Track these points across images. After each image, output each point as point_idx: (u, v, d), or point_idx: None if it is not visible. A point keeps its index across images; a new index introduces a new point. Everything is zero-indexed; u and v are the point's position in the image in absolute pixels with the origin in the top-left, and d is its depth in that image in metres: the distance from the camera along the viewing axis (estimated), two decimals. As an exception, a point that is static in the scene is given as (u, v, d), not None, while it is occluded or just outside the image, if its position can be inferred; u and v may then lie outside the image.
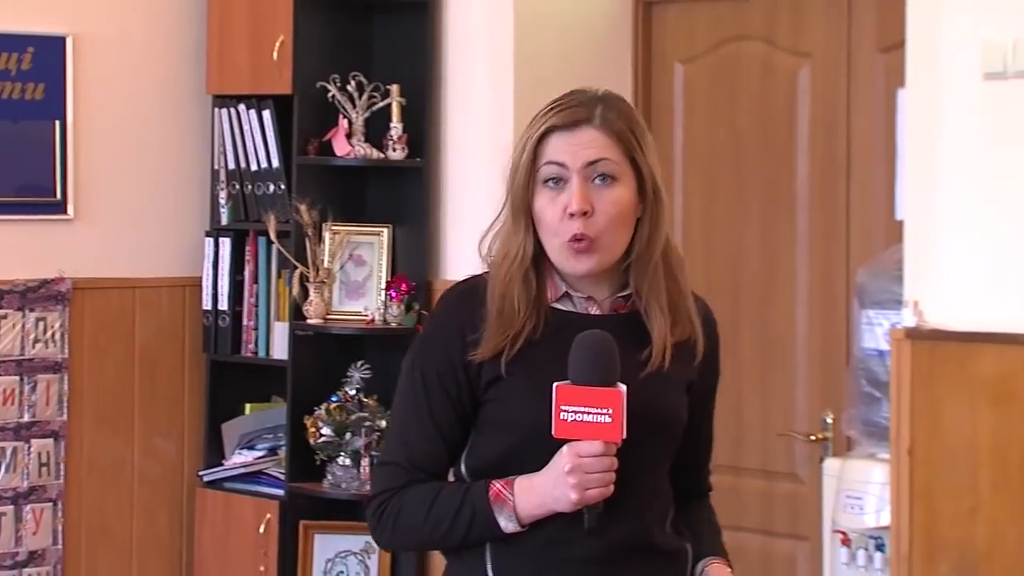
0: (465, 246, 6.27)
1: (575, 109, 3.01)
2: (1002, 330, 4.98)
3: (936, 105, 5.14)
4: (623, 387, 2.86)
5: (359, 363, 6.38)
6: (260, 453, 6.66)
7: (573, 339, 2.91)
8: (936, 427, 5.13)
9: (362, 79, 6.39)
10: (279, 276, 6.58)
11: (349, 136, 6.40)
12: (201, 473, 6.70)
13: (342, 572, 6.45)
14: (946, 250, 5.13)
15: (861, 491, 5.38)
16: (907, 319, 5.20)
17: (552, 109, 3.02)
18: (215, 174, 6.65)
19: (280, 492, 6.50)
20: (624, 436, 2.86)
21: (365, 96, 6.38)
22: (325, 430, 6.28)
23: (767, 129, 6.18)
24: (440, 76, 6.48)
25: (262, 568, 6.47)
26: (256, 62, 6.49)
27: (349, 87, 6.37)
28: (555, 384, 2.87)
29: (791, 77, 6.11)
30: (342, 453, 6.30)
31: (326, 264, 6.39)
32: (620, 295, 3.09)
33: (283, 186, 6.44)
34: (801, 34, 6.07)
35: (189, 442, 6.77)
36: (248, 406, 6.80)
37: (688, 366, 3.11)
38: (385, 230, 6.50)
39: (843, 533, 5.45)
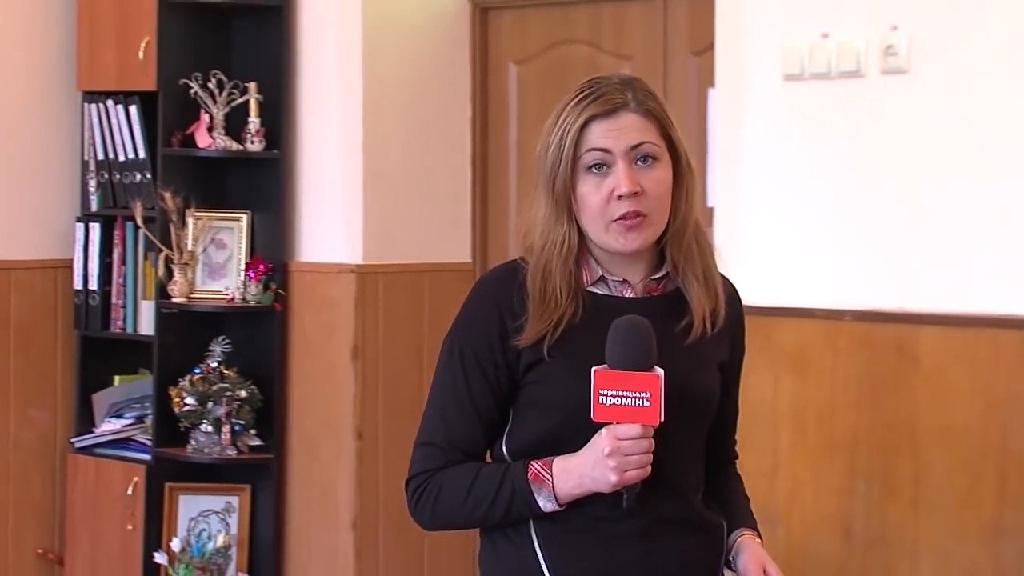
0: (317, 230, 6.47)
1: (609, 96, 2.89)
2: (799, 305, 5.12)
3: (741, 103, 5.28)
4: (661, 371, 2.76)
5: (220, 338, 6.42)
6: (128, 421, 6.66)
7: (610, 322, 2.81)
8: (742, 392, 5.29)
9: (222, 77, 6.40)
10: (145, 258, 6.57)
11: (210, 129, 6.40)
12: (73, 440, 6.69)
13: (204, 529, 6.44)
14: (751, 234, 5.26)
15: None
16: (721, 298, 5.40)
17: (586, 98, 2.91)
18: (85, 164, 6.63)
19: (147, 457, 6.51)
20: (662, 419, 2.76)
21: (225, 93, 6.40)
22: (188, 400, 6.31)
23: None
24: (294, 74, 6.49)
25: (130, 527, 6.49)
26: (123, 61, 6.47)
27: (210, 84, 6.38)
28: (594, 369, 2.77)
29: (614, 78, 6.26)
30: (204, 420, 6.32)
31: (189, 247, 6.40)
32: (653, 277, 2.98)
33: (149, 175, 6.43)
34: (622, 38, 6.15)
35: (62, 412, 6.74)
36: (117, 378, 6.78)
37: (719, 344, 3.02)
38: (244, 216, 6.52)
39: None
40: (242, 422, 6.41)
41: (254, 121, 6.43)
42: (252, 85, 6.43)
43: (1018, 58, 4.70)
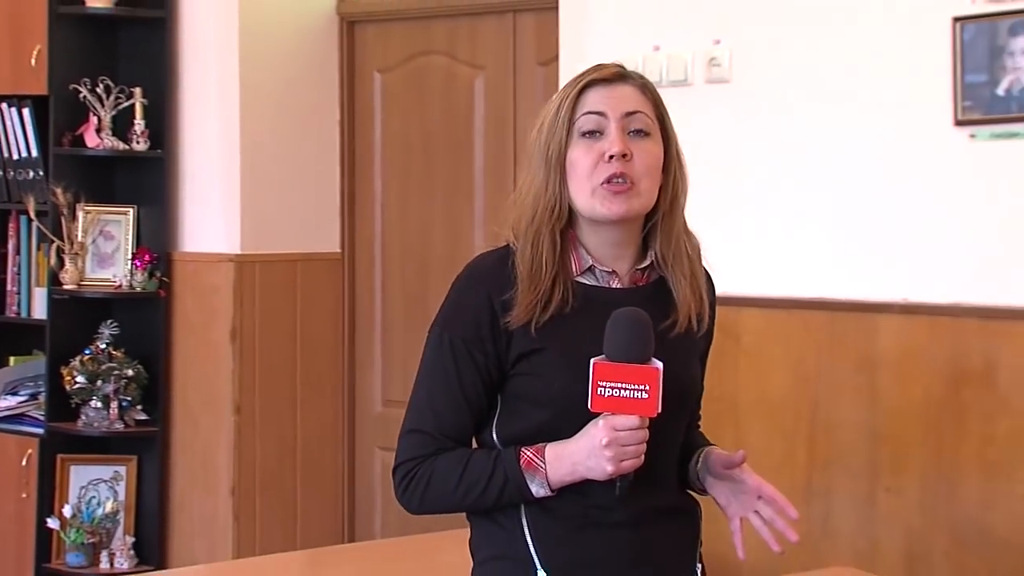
0: (198, 223, 6.50)
1: (613, 69, 2.78)
2: None
3: None
4: (659, 364, 2.58)
5: (108, 321, 6.45)
6: (23, 398, 6.67)
7: (600, 313, 2.64)
8: None
9: (109, 82, 6.39)
10: (39, 249, 6.58)
11: (98, 131, 6.40)
12: (-29, 416, 6.65)
13: (94, 497, 6.45)
14: None
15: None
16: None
17: (592, 69, 2.79)
18: (-19, 162, 6.57)
19: (40, 431, 6.50)
20: (659, 411, 2.59)
21: (112, 97, 6.39)
22: (79, 378, 6.33)
23: (450, 127, 6.30)
24: (176, 80, 6.50)
25: (24, 495, 6.49)
26: (17, 67, 6.46)
27: (98, 89, 6.38)
28: (592, 360, 2.58)
29: (469, 85, 6.24)
30: (94, 397, 6.35)
31: (79, 239, 6.39)
32: (638, 267, 2.80)
33: (41, 172, 6.44)
34: (476, 50, 6.20)
35: (-39, 390, 6.67)
36: (12, 358, 6.79)
37: (700, 336, 2.87)
38: (130, 210, 6.52)
39: None
40: (129, 398, 6.44)
41: (139, 123, 6.42)
42: (137, 90, 6.43)
43: (826, 69, 4.79)
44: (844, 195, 4.81)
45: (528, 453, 2.68)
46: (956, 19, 4.47)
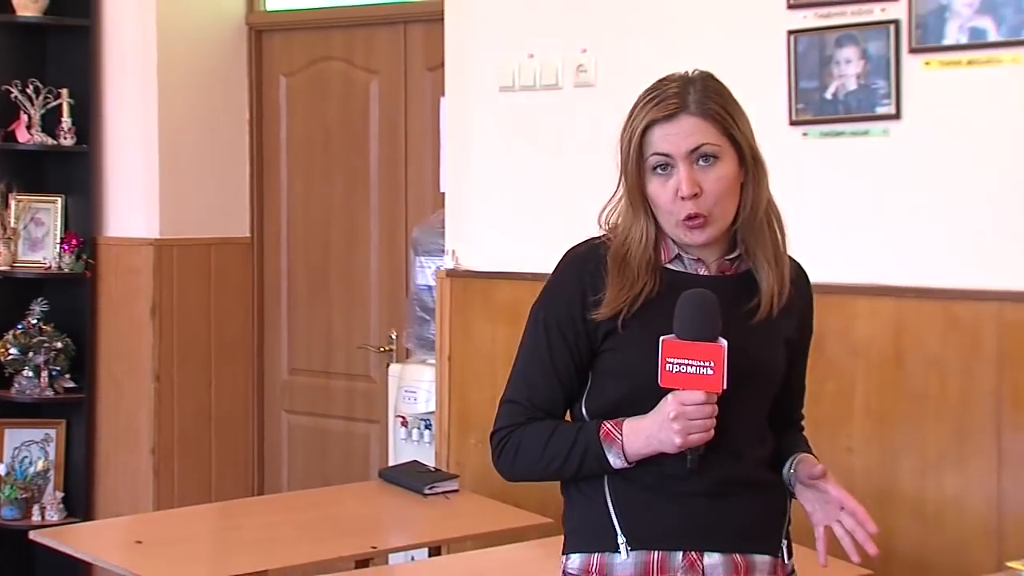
0: (121, 211, 6.48)
1: (669, 101, 2.60)
2: (513, 270, 5.15)
3: (467, 109, 5.31)
4: (724, 342, 2.48)
5: (39, 299, 6.42)
6: None
7: None
8: (468, 340, 5.29)
9: (38, 84, 6.35)
10: None
11: (29, 127, 6.36)
12: (-89, 384, 6.55)
13: (26, 457, 6.43)
14: (475, 214, 5.31)
15: (416, 387, 5.51)
16: (448, 263, 5.33)
17: (649, 101, 2.63)
18: (-78, 156, 6.46)
19: None
20: (725, 387, 2.48)
21: (41, 97, 6.35)
22: (12, 350, 6.31)
23: (348, 126, 6.29)
24: (100, 81, 6.46)
25: None
26: None
27: (28, 90, 6.34)
28: (661, 338, 2.49)
29: (365, 88, 6.24)
30: (26, 367, 6.32)
31: (12, 225, 6.38)
32: (727, 258, 2.66)
33: None
34: (371, 56, 6.20)
35: (-96, 361, 6.57)
36: None
37: (785, 322, 2.69)
38: (59, 199, 6.48)
39: (403, 417, 5.55)
40: (58, 368, 6.41)
41: (66, 120, 6.39)
42: (64, 90, 6.40)
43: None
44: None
45: (608, 426, 2.58)
46: (790, 32, 4.54)
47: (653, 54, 4.85)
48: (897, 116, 4.41)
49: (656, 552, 2.60)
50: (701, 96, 2.62)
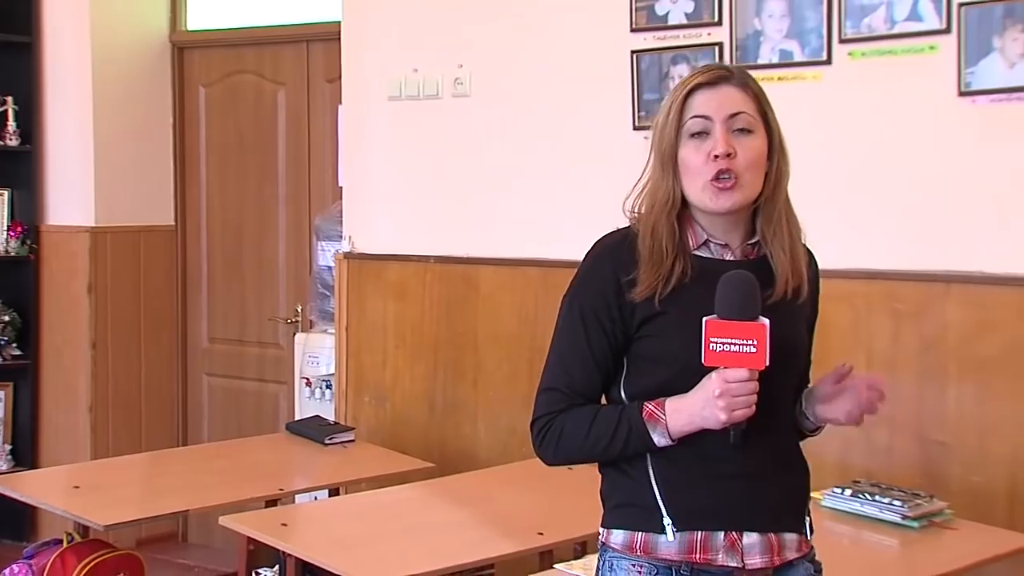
0: (61, 202, 6.40)
1: (717, 71, 2.41)
2: (401, 253, 5.17)
3: (361, 115, 5.29)
4: (766, 321, 2.27)
5: None
6: None
7: (714, 282, 2.31)
8: (362, 313, 5.29)
9: None
10: None
11: None
12: None
13: None
14: (368, 205, 5.29)
15: (318, 352, 5.54)
16: (345, 247, 5.33)
17: (697, 73, 2.43)
18: None
19: None
20: (767, 364, 2.27)
21: None
22: None
23: (259, 130, 6.24)
24: (41, 90, 6.37)
25: None
26: None
27: None
28: (704, 318, 2.27)
29: (273, 97, 6.20)
30: None
31: None
32: (749, 242, 2.43)
33: None
34: (278, 70, 6.16)
35: None
36: None
37: (804, 304, 2.46)
38: (6, 192, 6.40)
39: (307, 379, 5.57)
40: (6, 339, 6.34)
41: (11, 124, 6.31)
42: (9, 98, 6.32)
43: (541, 88, 4.81)
44: (553, 179, 4.84)
45: (650, 406, 2.35)
46: (633, 51, 4.57)
47: (518, 71, 4.90)
48: (722, 123, 4.46)
49: (699, 532, 2.36)
50: (744, 75, 2.43)
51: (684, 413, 2.32)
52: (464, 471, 4.65)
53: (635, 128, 4.62)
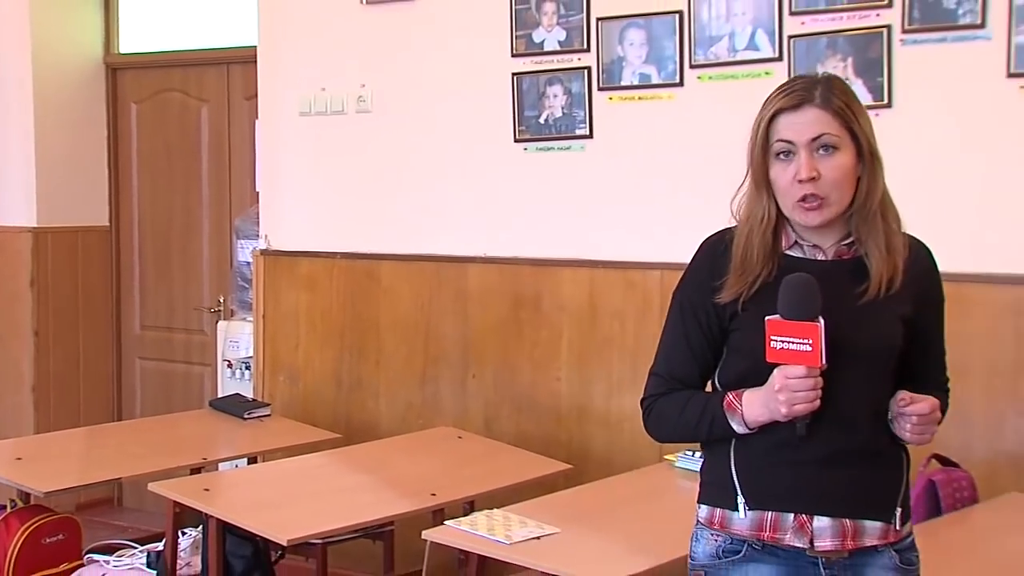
0: (5, 204, 6.19)
1: (798, 92, 2.22)
2: (313, 250, 5.13)
3: (275, 129, 5.23)
4: (821, 322, 2.11)
5: None
6: None
7: None
8: (277, 303, 5.24)
9: None
10: None
11: None
12: None
13: None
14: (282, 207, 5.23)
15: (238, 338, 5.46)
16: (262, 245, 5.27)
17: (780, 93, 2.25)
18: None
19: None
20: (824, 363, 2.12)
21: None
22: None
23: (185, 141, 6.13)
24: None
25: None
26: None
27: None
28: (767, 318, 2.15)
29: (197, 112, 6.09)
30: None
31: None
32: (843, 243, 2.25)
33: None
34: (203, 88, 6.06)
35: None
36: None
37: (899, 302, 2.23)
38: None
39: (229, 361, 5.48)
40: (-43, 328, 6.19)
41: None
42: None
43: (433, 105, 4.80)
44: (445, 184, 4.83)
45: (730, 396, 2.25)
46: (514, 74, 4.59)
47: (414, 90, 4.89)
48: (590, 136, 4.48)
49: (770, 512, 2.23)
50: (826, 91, 2.22)
51: (756, 404, 2.21)
52: (367, 441, 4.65)
53: (515, 140, 4.64)
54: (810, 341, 2.11)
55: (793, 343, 2.12)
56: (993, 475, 3.54)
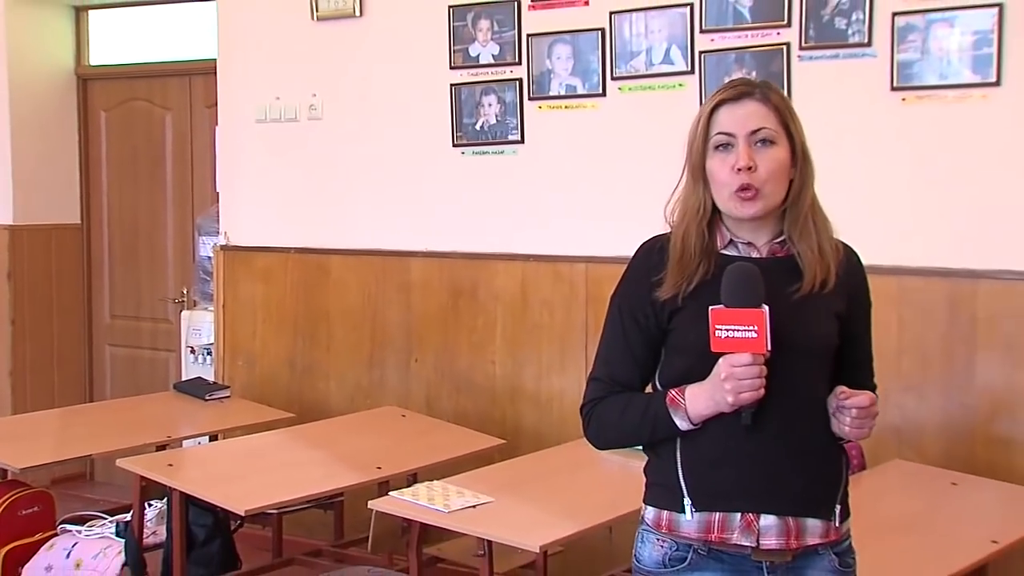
0: None
1: (740, 87, 2.10)
2: (269, 245, 5.05)
3: (233, 134, 5.13)
4: (766, 308, 1.96)
5: None
6: None
7: None
8: (235, 295, 5.19)
9: None
10: None
11: None
12: None
13: None
14: (240, 207, 5.16)
15: (200, 326, 5.41)
16: (221, 241, 5.22)
17: (721, 89, 2.12)
18: None
19: None
20: (769, 348, 1.96)
21: None
22: None
23: (150, 146, 6.04)
24: None
25: None
26: None
27: None
28: (710, 308, 1.99)
29: (162, 119, 6.00)
30: None
31: None
32: (776, 241, 2.10)
33: None
34: (167, 97, 5.97)
35: None
36: None
37: (834, 299, 2.08)
38: None
39: (191, 347, 5.44)
40: (-61, 317, 6.05)
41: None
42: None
43: (379, 114, 4.75)
44: (388, 184, 4.79)
45: (672, 393, 2.06)
46: (453, 84, 4.56)
47: (360, 99, 4.85)
48: (522, 141, 4.48)
49: (717, 513, 2.04)
50: (765, 89, 2.11)
51: (701, 398, 2.02)
52: (319, 420, 4.61)
53: (454, 145, 4.62)
54: (755, 327, 1.95)
55: (738, 331, 1.97)
56: (878, 446, 3.60)
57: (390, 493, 3.31)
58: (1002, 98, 3.64)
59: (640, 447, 2.18)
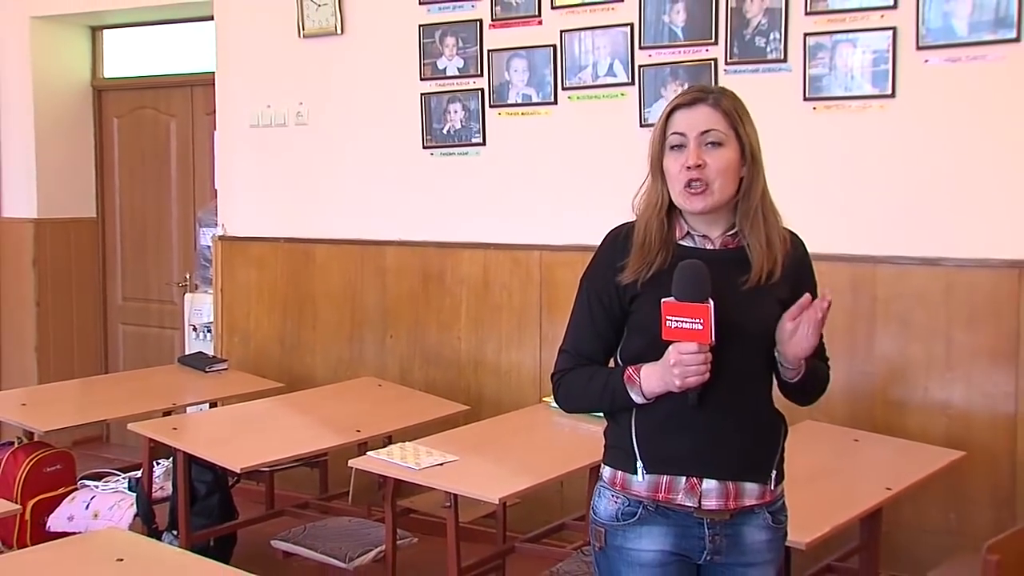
0: (12, 199, 5.91)
1: (695, 93, 2.03)
2: (262, 235, 4.99)
3: (230, 138, 5.02)
4: (711, 303, 1.89)
5: None
6: None
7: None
8: (232, 279, 5.10)
9: None
10: None
11: None
12: None
13: None
14: (236, 201, 5.04)
15: (201, 307, 5.33)
16: (220, 232, 5.13)
17: (679, 95, 2.06)
18: None
19: None
20: (713, 340, 1.90)
21: None
22: None
23: (157, 149, 5.88)
24: None
25: None
26: None
27: None
28: (662, 300, 1.93)
29: (167, 125, 5.87)
30: None
31: None
32: (728, 233, 2.03)
33: None
34: (171, 106, 5.83)
35: None
36: None
37: (778, 287, 2.01)
38: None
39: (194, 326, 5.37)
40: (-29, 300, 5.91)
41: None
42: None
43: (359, 120, 4.68)
44: (367, 182, 4.71)
45: (629, 370, 2.00)
46: (423, 94, 4.47)
47: (342, 107, 4.76)
48: (484, 143, 4.41)
49: (665, 476, 2.00)
50: (718, 96, 2.03)
51: (653, 377, 1.97)
52: (305, 389, 4.55)
53: (424, 147, 4.55)
54: (701, 320, 1.90)
55: (686, 323, 1.90)
56: (792, 408, 3.63)
57: (368, 453, 3.26)
58: (897, 108, 3.64)
59: (601, 413, 2.14)
